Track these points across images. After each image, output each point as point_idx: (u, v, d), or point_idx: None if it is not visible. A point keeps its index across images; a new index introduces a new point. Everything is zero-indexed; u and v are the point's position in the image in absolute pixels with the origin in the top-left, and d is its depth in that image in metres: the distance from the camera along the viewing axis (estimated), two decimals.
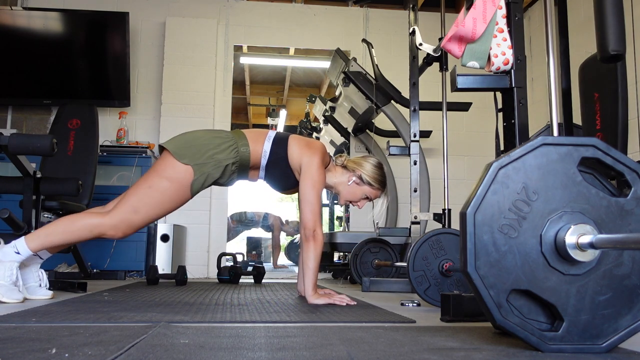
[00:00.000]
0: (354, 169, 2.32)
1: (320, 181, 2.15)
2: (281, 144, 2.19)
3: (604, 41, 1.32)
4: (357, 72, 3.80)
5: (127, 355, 0.96)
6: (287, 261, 8.71)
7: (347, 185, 2.32)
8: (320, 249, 2.11)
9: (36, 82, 4.46)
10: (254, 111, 9.08)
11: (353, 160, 2.36)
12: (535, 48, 4.94)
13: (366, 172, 2.31)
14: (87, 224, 1.98)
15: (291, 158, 2.18)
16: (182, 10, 4.85)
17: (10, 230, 2.45)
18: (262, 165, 2.19)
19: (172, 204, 2.05)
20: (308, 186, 2.12)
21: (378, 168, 2.34)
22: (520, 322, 1.05)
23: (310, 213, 2.10)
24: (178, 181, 2.03)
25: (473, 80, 1.70)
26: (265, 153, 2.17)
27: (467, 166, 4.98)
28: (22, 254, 1.94)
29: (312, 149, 2.18)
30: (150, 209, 2.01)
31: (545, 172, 1.09)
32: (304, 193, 2.13)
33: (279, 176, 2.22)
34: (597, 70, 2.46)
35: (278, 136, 2.22)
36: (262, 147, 2.17)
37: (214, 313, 1.67)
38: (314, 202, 2.11)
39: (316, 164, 2.14)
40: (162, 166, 2.05)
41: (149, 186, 2.01)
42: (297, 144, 2.20)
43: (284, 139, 2.21)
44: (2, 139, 2.12)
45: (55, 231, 1.98)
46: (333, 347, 1.07)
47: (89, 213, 2.05)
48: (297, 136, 2.27)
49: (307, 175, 2.13)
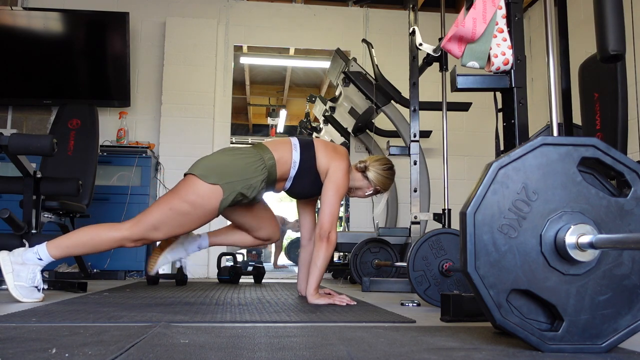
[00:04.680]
0: (374, 182, 2.32)
1: (344, 187, 2.20)
2: (308, 151, 2.19)
3: (604, 41, 1.32)
4: (357, 72, 3.80)
5: (127, 355, 0.96)
6: (287, 261, 8.71)
7: (364, 193, 2.37)
8: (331, 252, 2.16)
9: (36, 82, 4.46)
10: (254, 111, 9.08)
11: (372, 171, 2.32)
12: (535, 48, 4.94)
13: (383, 187, 2.36)
14: (110, 238, 2.02)
15: (319, 164, 2.20)
16: (182, 10, 4.85)
17: (10, 230, 2.45)
18: (290, 176, 2.19)
19: (194, 224, 2.07)
20: (332, 190, 2.16)
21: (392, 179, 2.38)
22: (520, 322, 1.05)
23: (329, 215, 2.14)
24: (202, 206, 2.01)
25: (473, 80, 1.70)
26: (295, 164, 2.17)
27: (467, 166, 4.98)
28: (44, 260, 2.02)
29: (340, 155, 2.23)
30: (170, 228, 2.04)
31: (545, 172, 1.09)
32: (327, 196, 2.16)
33: (309, 184, 2.23)
34: (597, 70, 2.46)
35: (303, 143, 2.21)
36: (290, 158, 2.17)
37: (214, 313, 1.67)
38: (334, 206, 2.16)
39: (343, 171, 2.19)
40: (185, 189, 2.02)
41: (169, 208, 2.01)
42: (324, 150, 2.22)
43: (310, 145, 2.21)
44: (2, 139, 2.12)
45: (78, 243, 2.04)
46: (333, 347, 1.07)
47: (110, 226, 2.06)
48: (321, 141, 2.28)
49: (332, 180, 2.17)
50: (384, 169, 2.33)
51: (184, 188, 2.03)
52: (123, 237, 2.01)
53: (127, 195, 4.05)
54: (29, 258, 2.00)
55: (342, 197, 2.21)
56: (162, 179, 4.49)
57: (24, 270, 1.98)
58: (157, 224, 2.01)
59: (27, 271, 1.98)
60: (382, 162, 2.36)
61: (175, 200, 2.01)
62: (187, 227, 2.06)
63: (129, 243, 2.03)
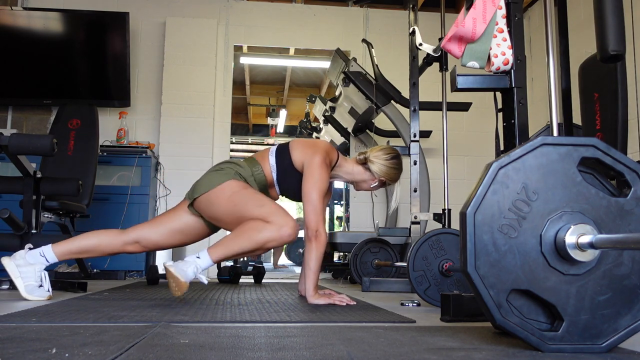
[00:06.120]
0: (377, 174, 2.28)
1: (322, 180, 2.12)
2: (284, 152, 2.22)
3: (604, 41, 1.32)
4: (357, 72, 3.80)
5: (127, 355, 0.96)
6: (287, 261, 8.71)
7: (369, 186, 2.33)
8: (322, 250, 2.10)
9: (36, 82, 4.46)
10: (254, 111, 9.08)
11: (375, 162, 2.27)
12: (535, 48, 4.94)
13: (390, 179, 2.29)
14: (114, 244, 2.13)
15: (295, 161, 2.19)
16: (182, 10, 4.85)
17: (10, 230, 2.45)
18: (274, 180, 2.23)
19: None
20: (309, 186, 2.11)
21: (398, 169, 2.31)
22: (520, 322, 1.05)
23: (312, 213, 2.08)
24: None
25: (473, 80, 1.70)
26: (272, 167, 2.21)
27: (467, 166, 4.98)
28: (50, 261, 2.07)
29: (313, 149, 2.17)
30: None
31: (545, 172, 1.09)
32: (305, 193, 2.12)
33: (294, 183, 2.22)
34: (597, 70, 2.46)
35: (279, 147, 2.25)
36: (268, 163, 2.22)
37: (214, 313, 1.67)
38: (316, 202, 2.09)
39: (317, 164, 2.12)
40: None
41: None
42: (299, 147, 2.21)
43: (285, 147, 2.23)
44: (3, 139, 2.12)
45: (84, 248, 2.12)
46: (333, 347, 1.07)
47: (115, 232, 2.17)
48: (298, 139, 2.29)
49: (308, 175, 2.13)
50: (386, 159, 2.26)
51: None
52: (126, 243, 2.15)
53: (127, 196, 4.04)
54: (34, 257, 2.05)
55: (323, 191, 2.13)
56: (162, 179, 4.49)
57: (31, 271, 2.03)
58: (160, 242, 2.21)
59: (34, 270, 2.03)
60: (385, 152, 2.28)
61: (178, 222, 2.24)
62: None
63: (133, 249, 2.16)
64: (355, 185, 2.39)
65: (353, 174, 2.32)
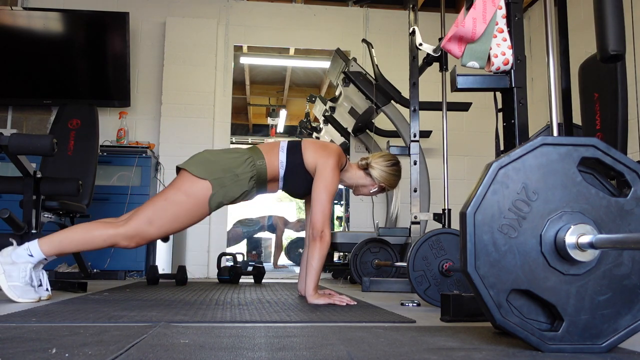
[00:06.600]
0: (378, 180, 2.34)
1: (333, 183, 2.17)
2: (295, 151, 2.22)
3: (604, 41, 1.32)
4: (357, 72, 3.80)
5: (127, 355, 0.96)
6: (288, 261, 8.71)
7: (368, 191, 2.38)
8: (325, 250, 2.13)
9: (36, 82, 4.46)
10: (254, 111, 9.07)
11: (376, 168, 2.33)
12: (535, 48, 4.94)
13: (389, 185, 2.35)
14: (102, 235, 2.00)
15: (307, 162, 2.21)
16: (182, 10, 4.85)
17: (10, 230, 2.44)
18: (280, 176, 2.22)
19: (188, 219, 2.08)
20: (321, 188, 2.15)
21: (398, 175, 2.37)
22: (520, 322, 1.05)
23: (320, 214, 2.12)
24: (195, 196, 2.06)
25: (473, 80, 1.70)
26: (282, 164, 2.21)
27: (467, 166, 4.98)
28: (35, 256, 1.97)
29: (327, 151, 2.21)
30: (165, 222, 2.03)
31: (545, 172, 1.09)
32: (316, 194, 2.15)
33: (300, 182, 2.24)
34: (597, 70, 2.46)
35: (290, 144, 2.25)
36: (277, 159, 2.21)
37: (214, 313, 1.67)
38: (325, 203, 2.13)
39: (331, 167, 2.17)
40: (180, 182, 2.10)
41: (165, 199, 2.05)
42: (312, 148, 2.22)
43: (297, 146, 2.24)
44: (2, 139, 2.12)
45: (70, 239, 2.01)
46: (333, 347, 1.07)
47: (103, 223, 2.06)
48: (310, 140, 2.30)
49: (321, 177, 2.16)
50: (387, 166, 2.32)
51: (177, 182, 2.11)
52: (116, 233, 1.99)
53: (127, 196, 4.04)
54: (19, 255, 1.95)
55: (333, 194, 2.18)
56: (162, 179, 4.49)
57: (15, 270, 1.94)
58: (152, 217, 2.02)
59: (19, 270, 1.94)
60: (385, 159, 2.34)
61: (170, 191, 2.09)
62: (182, 221, 2.07)
63: (123, 241, 2.00)
64: (354, 190, 2.43)
65: (355, 178, 2.37)
